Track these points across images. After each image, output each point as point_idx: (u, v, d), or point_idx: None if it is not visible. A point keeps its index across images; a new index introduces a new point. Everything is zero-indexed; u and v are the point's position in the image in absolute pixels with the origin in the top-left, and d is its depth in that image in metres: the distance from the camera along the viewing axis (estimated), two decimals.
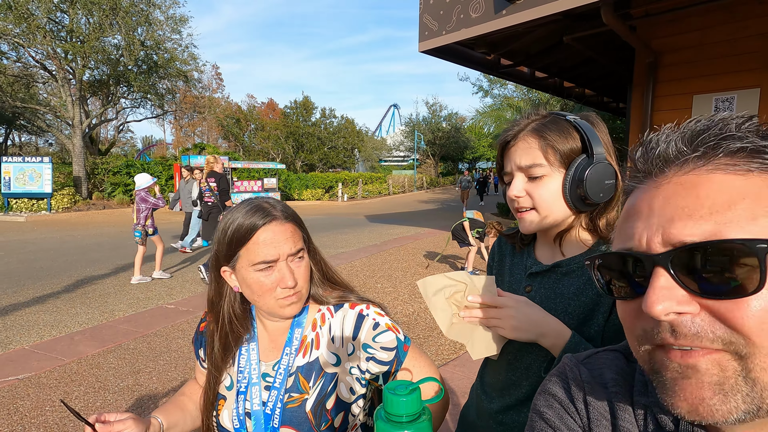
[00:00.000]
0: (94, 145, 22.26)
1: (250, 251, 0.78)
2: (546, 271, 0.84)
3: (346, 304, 0.89)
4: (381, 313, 0.87)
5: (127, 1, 15.84)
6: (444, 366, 3.13)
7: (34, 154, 32.57)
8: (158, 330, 3.89)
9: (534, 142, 0.77)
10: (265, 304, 0.82)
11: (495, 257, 1.02)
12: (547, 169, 0.76)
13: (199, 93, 27.22)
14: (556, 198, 0.78)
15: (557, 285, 0.82)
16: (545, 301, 0.81)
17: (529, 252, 0.91)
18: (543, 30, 5.89)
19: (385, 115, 71.60)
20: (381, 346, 0.84)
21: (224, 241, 0.80)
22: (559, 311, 0.79)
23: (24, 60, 17.66)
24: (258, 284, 0.79)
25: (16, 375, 3.01)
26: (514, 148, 0.80)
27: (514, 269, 0.94)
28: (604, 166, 0.74)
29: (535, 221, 0.80)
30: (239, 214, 0.80)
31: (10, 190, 14.06)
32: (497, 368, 0.90)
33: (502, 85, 21.67)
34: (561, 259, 0.83)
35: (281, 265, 0.80)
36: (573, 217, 0.80)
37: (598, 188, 0.74)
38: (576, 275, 0.80)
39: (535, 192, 0.78)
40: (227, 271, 0.83)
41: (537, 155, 0.77)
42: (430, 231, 10.28)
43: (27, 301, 4.77)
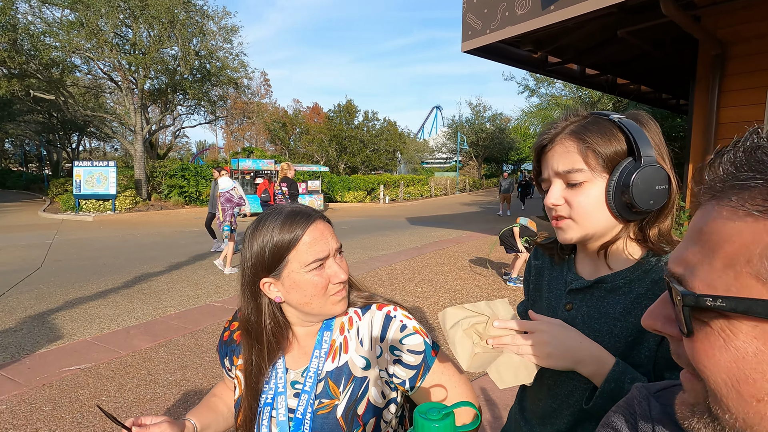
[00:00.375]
0: (154, 150, 23.83)
1: (301, 253, 0.77)
2: (588, 287, 0.76)
3: (374, 306, 0.87)
4: (408, 316, 0.85)
5: (184, 14, 16.81)
6: (485, 376, 3.02)
7: (102, 158, 35.38)
8: (205, 327, 4.05)
9: (572, 146, 0.70)
10: (317, 305, 0.80)
11: (531, 271, 0.94)
12: (587, 175, 0.69)
13: (248, 99, 28.42)
14: (597, 206, 0.70)
15: (601, 303, 0.73)
16: (588, 322, 0.73)
17: (569, 265, 0.83)
18: (594, 24, 5.60)
19: (427, 117, 71.24)
20: (408, 349, 0.80)
21: (264, 253, 0.78)
22: (603, 333, 0.71)
23: (93, 72, 19.23)
24: (312, 285, 0.78)
25: (78, 365, 3.23)
26: (551, 153, 0.74)
27: (552, 284, 0.85)
28: (655, 169, 0.66)
29: (575, 232, 0.73)
30: (275, 224, 0.78)
31: (80, 192, 15.32)
32: (537, 394, 0.83)
33: (550, 83, 20.90)
34: (605, 273, 0.74)
35: (330, 262, 0.80)
36: (619, 227, 0.71)
37: (647, 194, 0.66)
38: (623, 292, 0.71)
39: (574, 200, 0.71)
40: (268, 282, 0.80)
41: (576, 159, 0.70)
42: (472, 234, 10.06)
43: (91, 295, 5.15)
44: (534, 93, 21.60)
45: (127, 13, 16.16)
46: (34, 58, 15.16)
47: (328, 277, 0.79)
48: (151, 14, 15.67)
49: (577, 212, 0.71)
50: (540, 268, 0.91)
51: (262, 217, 0.82)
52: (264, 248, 0.78)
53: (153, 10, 15.59)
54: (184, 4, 16.76)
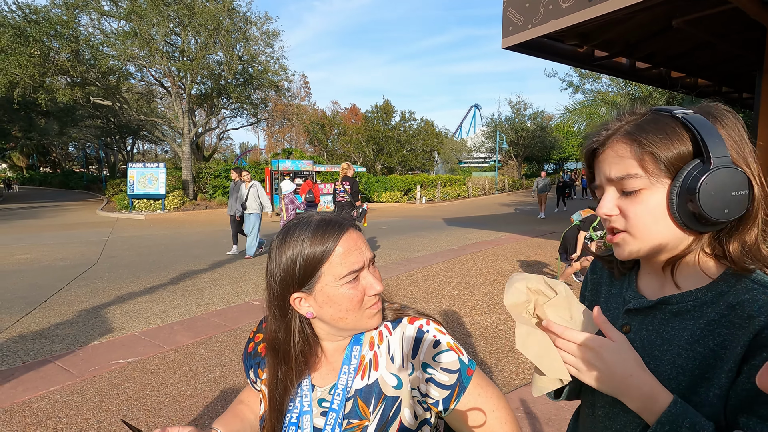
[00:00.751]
0: (200, 152, 24.95)
1: (335, 265, 0.72)
2: (649, 308, 0.66)
3: (405, 319, 0.81)
4: (442, 331, 0.78)
5: (228, 20, 17.46)
6: (525, 386, 2.89)
7: (154, 160, 37.47)
8: (244, 325, 4.15)
9: (626, 149, 0.61)
10: (352, 320, 0.75)
11: (588, 285, 0.84)
12: (644, 181, 0.60)
13: (289, 101, 29.11)
14: (658, 217, 0.60)
15: (664, 328, 0.64)
16: (647, 348, 0.64)
17: (630, 281, 0.73)
18: (646, 15, 5.26)
19: (465, 116, 70.27)
20: (442, 367, 0.74)
21: (295, 267, 0.73)
22: (664, 362, 0.61)
23: (146, 79, 20.41)
24: (347, 298, 0.73)
25: (126, 359, 3.39)
26: (603, 157, 0.65)
27: (610, 302, 0.75)
28: (728, 172, 0.55)
29: (632, 247, 0.63)
30: (305, 235, 0.73)
31: (134, 192, 16.28)
32: (588, 425, 0.74)
33: (595, 79, 19.94)
34: (671, 293, 0.64)
35: (365, 273, 0.75)
36: (689, 239, 0.61)
37: (719, 201, 0.55)
38: (691, 317, 0.61)
39: (630, 210, 0.62)
40: (299, 297, 0.75)
41: (630, 164, 0.60)
42: (512, 236, 9.76)
43: (140, 290, 5.42)
44: (578, 89, 20.70)
45: (176, 22, 17.00)
46: (94, 67, 16.26)
47: (363, 289, 0.75)
48: (198, 22, 16.40)
49: (633, 225, 0.62)
50: (597, 283, 0.81)
51: (288, 228, 0.77)
52: (294, 261, 0.73)
53: (200, 18, 16.31)
54: (229, 11, 17.41)
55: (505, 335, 3.82)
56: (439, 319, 0.83)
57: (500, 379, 3.02)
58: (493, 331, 3.93)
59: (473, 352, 3.46)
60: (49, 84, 16.40)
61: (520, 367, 3.20)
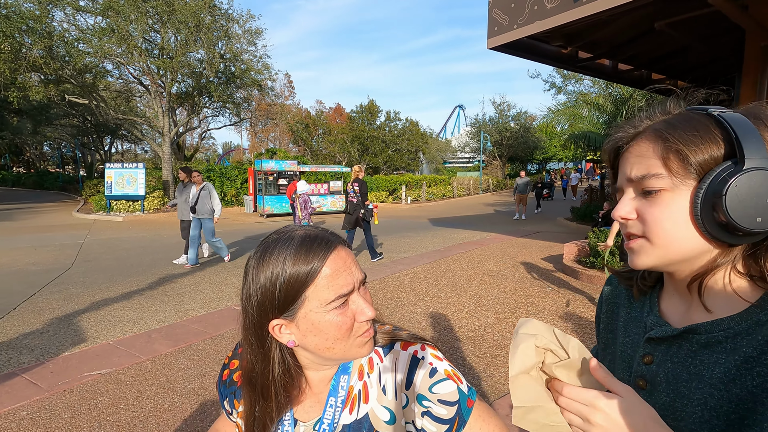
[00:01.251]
0: (181, 152, 24.43)
1: (321, 288, 0.63)
2: (674, 337, 0.57)
3: (397, 344, 0.72)
4: (439, 357, 0.70)
5: (209, 18, 17.11)
6: None
7: (133, 160, 36.56)
8: (225, 332, 4.01)
9: (650, 147, 0.55)
10: (340, 349, 0.66)
11: (603, 306, 0.75)
12: (666, 181, 0.53)
13: (272, 101, 28.77)
14: (680, 223, 0.53)
15: (692, 361, 0.55)
16: (672, 383, 0.56)
17: (651, 302, 0.64)
18: (629, 17, 5.30)
19: (450, 117, 70.64)
20: (439, 399, 0.66)
21: (275, 290, 0.63)
22: (694, 402, 0.53)
23: (124, 77, 19.86)
24: (335, 326, 0.63)
25: (99, 370, 3.23)
26: (626, 156, 0.58)
27: (629, 327, 0.66)
28: (764, 175, 0.48)
29: (649, 257, 0.56)
30: (287, 253, 0.63)
31: (111, 193, 15.81)
32: None
33: (578, 80, 20.25)
34: (699, 319, 0.56)
35: (355, 296, 0.66)
36: (716, 252, 0.53)
37: (751, 208, 0.48)
38: (723, 349, 0.52)
39: (648, 212, 0.55)
40: (279, 324, 0.65)
41: (653, 164, 0.54)
42: (497, 236, 9.79)
43: (116, 296, 5.21)
44: (561, 90, 21.01)
45: (155, 19, 16.57)
46: (69, 64, 15.72)
47: (353, 314, 0.65)
48: (179, 19, 16.02)
49: (652, 230, 0.55)
50: (614, 304, 0.72)
51: (267, 245, 0.67)
52: (274, 284, 0.63)
53: (180, 15, 15.93)
54: (210, 9, 17.06)
55: (493, 338, 3.78)
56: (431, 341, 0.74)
57: (489, 384, 2.97)
58: (481, 335, 3.88)
59: (461, 357, 3.40)
60: (22, 81, 15.80)
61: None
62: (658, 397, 0.57)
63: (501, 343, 3.68)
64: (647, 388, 0.59)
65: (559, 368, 0.54)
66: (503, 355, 3.44)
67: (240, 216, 16.40)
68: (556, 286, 5.48)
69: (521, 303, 4.78)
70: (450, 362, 0.71)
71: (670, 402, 0.56)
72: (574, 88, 20.34)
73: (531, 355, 0.55)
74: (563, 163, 43.37)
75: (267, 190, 16.12)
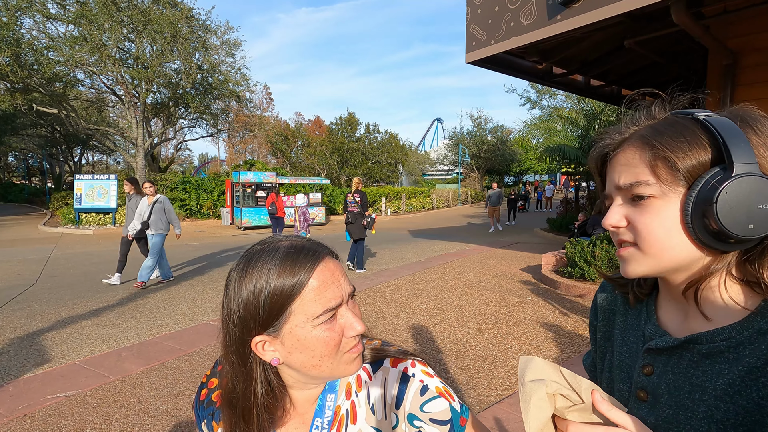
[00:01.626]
0: (155, 163, 23.84)
1: (308, 302, 0.59)
2: (675, 347, 0.56)
3: (387, 360, 0.69)
4: (429, 374, 0.67)
5: (187, 28, 16.93)
6: (498, 404, 2.82)
7: (105, 171, 35.46)
8: (201, 348, 3.86)
9: (636, 155, 0.54)
10: (327, 367, 0.61)
11: (599, 314, 0.72)
12: (655, 188, 0.52)
13: (250, 112, 28.51)
14: (670, 230, 0.52)
15: (695, 371, 0.53)
16: (675, 395, 0.54)
17: (648, 310, 0.62)
18: (601, 34, 5.51)
19: (428, 130, 71.58)
20: (431, 418, 0.63)
21: (258, 304, 0.59)
22: (698, 415, 0.52)
23: (97, 86, 19.33)
24: (322, 342, 0.59)
25: (64, 392, 3.04)
26: (613, 163, 0.57)
27: (627, 335, 0.65)
28: (755, 180, 0.47)
29: (641, 265, 0.55)
30: (271, 265, 0.59)
31: (81, 205, 15.23)
32: None
33: (552, 95, 20.92)
34: (698, 326, 0.55)
35: (343, 310, 0.62)
36: (708, 259, 0.52)
37: (741, 214, 0.47)
38: (726, 359, 0.51)
39: (638, 220, 0.54)
40: (262, 341, 0.61)
41: (641, 171, 0.53)
42: (477, 247, 9.87)
43: (84, 313, 4.96)
44: (536, 105, 21.64)
45: (130, 28, 16.28)
46: (37, 73, 15.21)
47: (342, 329, 0.61)
48: (154, 29, 15.78)
49: (642, 237, 0.54)
50: (610, 312, 0.70)
51: (250, 256, 0.62)
52: (257, 297, 0.59)
53: (156, 25, 15.71)
54: (187, 19, 16.89)
55: (475, 350, 3.77)
56: (422, 357, 0.70)
57: (473, 396, 2.94)
58: (463, 346, 3.86)
59: (444, 369, 3.37)
60: None
61: (492, 383, 3.14)
62: (661, 409, 0.56)
63: (483, 354, 3.67)
64: (649, 400, 0.58)
65: (572, 412, 0.51)
66: (486, 366, 3.43)
67: (217, 228, 16.05)
68: (536, 296, 5.53)
69: (502, 313, 4.80)
70: (442, 379, 0.68)
71: (673, 414, 0.54)
72: (548, 103, 21.00)
73: (546, 407, 0.52)
74: (539, 175, 44.45)
75: (245, 202, 15.86)
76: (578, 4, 4.46)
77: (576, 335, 4.06)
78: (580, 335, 4.06)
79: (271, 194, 11.45)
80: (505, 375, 3.26)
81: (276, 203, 11.14)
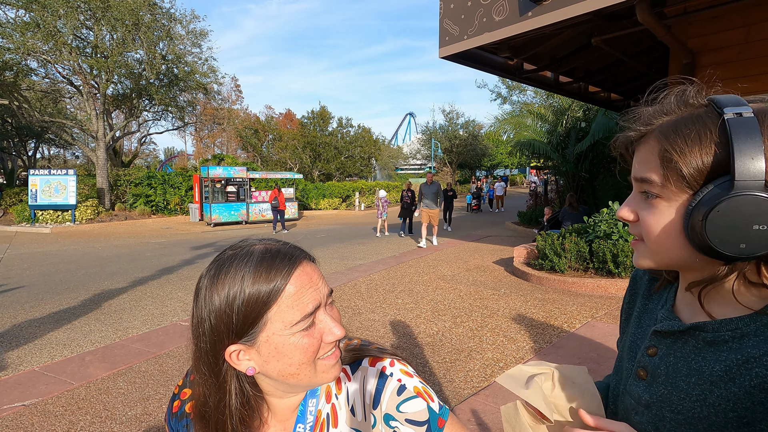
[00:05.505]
0: (118, 157, 22.79)
1: (285, 309, 0.56)
2: (681, 332, 0.57)
3: (365, 360, 0.67)
4: (409, 373, 0.65)
5: (149, 16, 16.20)
6: (474, 396, 2.86)
7: (62, 166, 33.66)
8: (171, 350, 3.73)
9: (653, 150, 0.53)
10: (306, 375, 0.59)
11: (627, 296, 0.75)
12: (662, 189, 0.52)
13: (219, 105, 27.69)
14: (671, 233, 0.52)
15: (695, 357, 0.55)
16: (671, 376, 0.56)
17: (668, 296, 0.63)
18: (570, 32, 5.64)
19: (401, 124, 71.75)
20: (407, 418, 0.62)
21: (232, 312, 0.55)
22: (692, 398, 0.53)
23: (52, 76, 18.23)
24: (301, 349, 0.57)
25: (22, 401, 2.87)
26: (637, 150, 0.57)
27: (643, 318, 0.67)
28: (752, 200, 0.45)
29: (645, 259, 0.57)
30: (245, 270, 0.56)
31: (36, 202, 14.41)
32: None
33: (521, 91, 21.33)
34: (707, 319, 0.55)
35: (321, 315, 0.59)
36: (714, 263, 0.51)
37: (733, 235, 0.46)
38: (728, 348, 0.52)
39: (644, 217, 0.55)
40: (237, 350, 0.58)
41: (653, 168, 0.52)
42: (450, 241, 9.99)
43: (43, 316, 4.70)
44: (506, 100, 22.03)
45: (87, 15, 15.42)
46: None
47: (320, 334, 0.59)
48: (114, 16, 15.01)
49: (646, 234, 0.55)
50: (635, 294, 0.72)
51: (222, 261, 0.59)
52: (231, 305, 0.55)
53: (116, 12, 14.95)
54: (150, 7, 16.16)
55: (451, 343, 3.81)
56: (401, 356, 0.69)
57: (450, 389, 2.98)
58: (440, 339, 3.90)
59: (421, 363, 3.39)
60: None
61: (468, 375, 3.18)
62: (657, 388, 0.57)
63: (459, 347, 3.72)
64: (647, 379, 0.59)
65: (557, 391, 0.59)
66: (462, 359, 3.47)
67: (185, 225, 15.55)
68: (509, 288, 5.65)
69: (476, 306, 4.88)
70: (422, 379, 0.67)
71: (667, 394, 0.56)
72: (518, 99, 21.41)
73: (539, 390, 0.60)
74: (510, 170, 45.38)
75: (214, 197, 15.43)
76: (549, 2, 4.54)
77: (548, 326, 4.17)
78: (551, 326, 4.17)
79: (273, 190, 13.24)
80: (480, 367, 3.31)
81: (278, 198, 12.87)
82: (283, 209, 13.18)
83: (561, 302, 4.90)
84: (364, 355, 0.68)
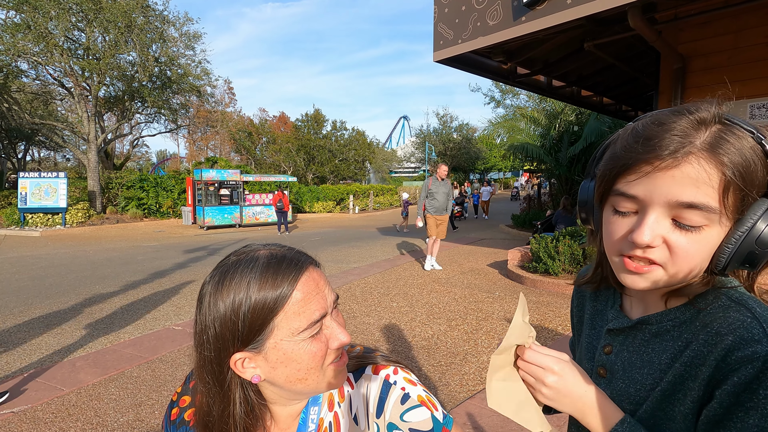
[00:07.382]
0: (109, 160, 22.57)
1: (292, 315, 0.55)
2: (630, 327, 0.62)
3: (369, 368, 0.66)
4: (412, 381, 0.65)
5: (142, 19, 16.11)
6: (470, 399, 2.85)
7: (53, 169, 33.24)
8: (164, 355, 3.69)
9: (714, 173, 0.47)
10: (313, 381, 0.58)
11: (574, 300, 0.79)
12: (713, 217, 0.48)
13: (212, 107, 27.56)
14: (706, 257, 0.51)
15: (645, 349, 0.59)
16: (628, 370, 0.60)
17: (615, 296, 0.68)
18: (563, 37, 5.69)
19: (395, 127, 71.93)
20: (411, 428, 0.61)
21: (237, 320, 0.55)
22: (646, 386, 0.57)
23: (42, 78, 18.03)
24: (309, 355, 0.56)
25: (11, 408, 2.82)
26: (672, 172, 0.48)
27: (595, 320, 0.70)
28: None
29: (654, 282, 0.53)
30: (251, 277, 0.55)
31: (26, 205, 14.22)
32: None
33: (515, 95, 21.48)
34: (656, 311, 0.59)
35: (328, 320, 0.59)
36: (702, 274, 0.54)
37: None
38: (671, 337, 0.57)
39: (681, 245, 0.50)
40: (242, 358, 0.57)
41: (710, 193, 0.47)
42: (444, 244, 10.00)
43: (32, 320, 4.63)
44: (500, 104, 22.16)
45: (80, 17, 15.30)
46: None
47: (327, 340, 0.58)
48: (107, 18, 14.91)
49: (677, 259, 0.50)
50: (582, 297, 0.76)
51: (227, 268, 0.57)
52: (237, 312, 0.55)
53: (108, 14, 14.85)
54: (143, 9, 16.08)
55: (446, 346, 3.81)
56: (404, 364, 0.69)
57: (445, 393, 2.97)
58: (435, 343, 3.89)
59: (416, 367, 3.38)
60: None
61: (464, 379, 3.18)
62: (616, 384, 0.61)
63: (454, 350, 3.71)
64: (607, 377, 0.63)
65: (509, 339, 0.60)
66: (457, 362, 3.47)
67: (177, 228, 15.43)
68: (503, 291, 5.67)
69: (471, 309, 4.88)
70: (425, 387, 0.66)
71: (625, 388, 0.60)
72: (511, 102, 21.55)
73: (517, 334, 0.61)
74: (504, 173, 45.63)
75: (207, 200, 15.33)
76: (542, 6, 4.58)
77: (542, 328, 4.18)
78: (546, 328, 4.18)
79: (277, 192, 13.57)
80: (476, 370, 3.31)
81: (283, 200, 13.34)
82: (288, 211, 13.78)
83: (555, 305, 4.92)
84: (368, 363, 0.67)
